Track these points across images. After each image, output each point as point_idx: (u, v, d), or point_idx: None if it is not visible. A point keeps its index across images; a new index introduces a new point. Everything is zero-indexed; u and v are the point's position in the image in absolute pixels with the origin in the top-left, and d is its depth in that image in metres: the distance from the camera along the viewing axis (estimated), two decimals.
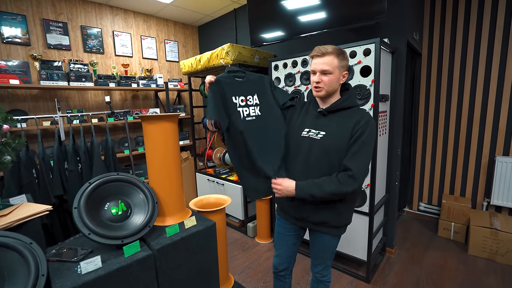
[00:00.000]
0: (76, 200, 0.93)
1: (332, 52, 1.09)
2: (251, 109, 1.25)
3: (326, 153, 1.10)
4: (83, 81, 2.70)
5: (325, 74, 1.10)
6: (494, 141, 2.54)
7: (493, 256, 2.25)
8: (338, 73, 1.11)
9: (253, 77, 1.32)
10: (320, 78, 1.11)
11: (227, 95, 1.19)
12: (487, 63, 2.48)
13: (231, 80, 1.24)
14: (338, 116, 1.14)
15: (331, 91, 1.13)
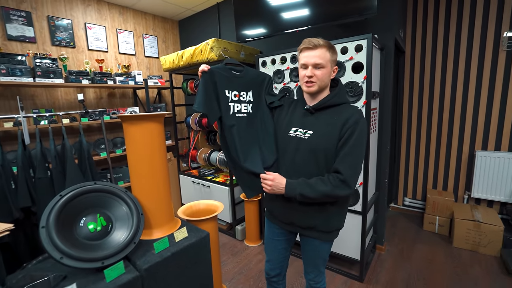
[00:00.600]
0: (44, 217, 0.78)
1: (324, 45, 1.03)
2: (243, 106, 1.18)
3: (314, 153, 1.05)
4: (51, 77, 2.44)
5: (318, 68, 1.04)
6: (473, 136, 2.63)
7: (476, 247, 2.33)
8: (330, 68, 1.06)
9: (252, 73, 1.23)
10: (313, 72, 1.04)
11: (220, 87, 1.11)
12: (467, 61, 2.56)
13: (227, 72, 1.15)
14: (326, 114, 1.08)
15: (323, 86, 1.08)
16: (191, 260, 0.99)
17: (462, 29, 2.53)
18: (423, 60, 2.78)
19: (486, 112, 2.54)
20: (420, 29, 2.74)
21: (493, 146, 2.55)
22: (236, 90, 1.16)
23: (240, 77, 1.18)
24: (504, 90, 2.44)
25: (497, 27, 2.39)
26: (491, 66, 2.46)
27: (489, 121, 2.53)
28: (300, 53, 1.09)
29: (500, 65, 2.43)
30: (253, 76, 1.22)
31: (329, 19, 1.99)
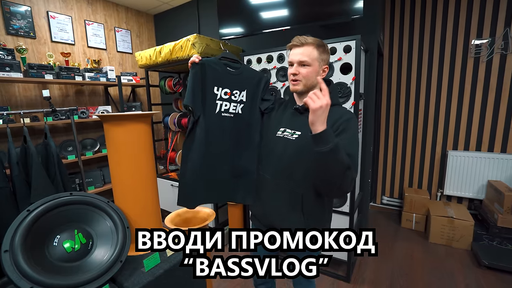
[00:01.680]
0: (8, 239, 0.63)
1: (312, 43, 0.99)
2: (232, 105, 1.10)
3: (301, 155, 0.99)
4: (6, 70, 2.15)
5: (303, 65, 0.99)
6: (446, 136, 2.79)
7: (450, 242, 2.46)
8: (318, 66, 1.01)
9: (249, 71, 1.15)
10: (298, 70, 0.99)
11: (208, 83, 1.03)
12: (439, 67, 2.71)
13: (220, 67, 1.06)
14: None
15: (309, 85, 1.02)
16: (185, 277, 0.89)
17: (435, 35, 2.68)
18: (400, 64, 2.90)
19: (457, 114, 2.71)
20: (397, 34, 2.85)
21: (463, 146, 2.73)
22: (228, 88, 1.09)
23: (234, 74, 1.10)
24: (472, 94, 2.62)
25: (466, 35, 2.56)
26: (461, 72, 2.63)
27: (459, 123, 2.71)
28: (289, 52, 1.05)
29: (468, 71, 2.60)
30: (249, 74, 1.14)
31: (315, 19, 1.98)
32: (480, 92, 2.58)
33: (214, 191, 1.09)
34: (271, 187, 1.07)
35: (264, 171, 1.11)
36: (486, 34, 2.49)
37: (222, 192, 1.12)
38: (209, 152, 1.06)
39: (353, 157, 0.90)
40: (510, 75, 2.44)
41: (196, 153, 1.04)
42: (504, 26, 2.41)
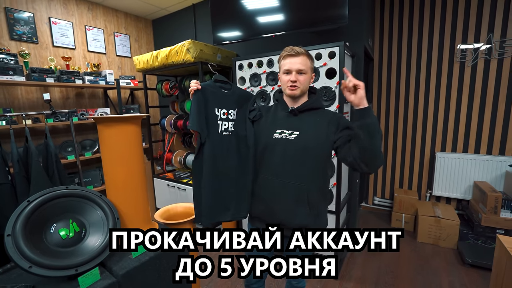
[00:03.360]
0: (10, 224, 0.72)
1: (305, 53, 1.11)
2: (230, 124, 1.19)
3: (302, 153, 1.09)
4: (10, 74, 2.25)
5: (301, 73, 1.11)
6: (434, 139, 2.87)
7: (436, 241, 2.54)
8: (310, 74, 1.14)
9: (239, 91, 1.25)
10: (297, 78, 1.11)
11: (210, 105, 1.12)
12: (427, 71, 2.80)
13: (217, 90, 1.16)
14: (309, 116, 1.15)
15: (305, 90, 1.15)
16: (169, 264, 0.98)
17: (423, 40, 2.77)
18: (390, 68, 2.99)
19: (444, 117, 2.79)
20: (387, 39, 2.95)
21: (451, 147, 2.81)
22: (225, 108, 1.17)
23: (228, 95, 1.19)
24: (458, 98, 2.70)
25: (452, 40, 2.65)
26: (448, 76, 2.72)
27: (447, 125, 2.79)
28: (282, 60, 1.14)
29: (455, 75, 2.69)
30: (241, 93, 1.24)
31: (303, 26, 2.08)
32: (466, 96, 2.67)
33: (226, 210, 1.15)
34: (276, 186, 1.13)
35: (266, 172, 1.16)
36: (471, 40, 2.58)
37: (235, 209, 1.17)
38: (218, 171, 1.12)
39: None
40: (494, 79, 2.53)
41: (207, 174, 1.10)
42: (487, 32, 2.50)
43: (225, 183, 1.14)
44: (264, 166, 1.17)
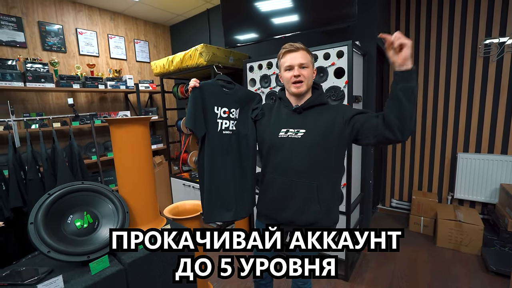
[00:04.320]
0: (33, 214, 0.82)
1: (304, 48, 1.10)
2: (231, 123, 1.19)
3: (311, 151, 1.07)
4: (42, 81, 2.47)
5: (303, 67, 1.09)
6: (455, 139, 2.73)
7: (458, 246, 2.41)
8: (312, 68, 1.12)
9: (242, 91, 1.25)
10: (300, 72, 1.08)
11: (209, 103, 1.13)
12: (447, 68, 2.68)
13: (217, 88, 1.17)
14: (314, 113, 1.12)
15: (310, 85, 1.12)
16: (173, 258, 1.04)
17: (442, 37, 2.65)
18: None
19: (467, 116, 2.65)
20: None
21: (474, 148, 2.66)
22: (226, 107, 1.17)
23: (229, 94, 1.19)
24: (482, 94, 2.55)
25: (474, 34, 2.52)
26: (470, 72, 2.58)
27: (470, 125, 2.64)
28: (282, 58, 1.13)
29: (478, 71, 2.55)
30: (243, 94, 1.24)
31: (313, 26, 2.08)
32: (491, 93, 2.52)
33: (226, 210, 1.16)
34: (284, 186, 1.12)
35: (274, 172, 1.15)
36: (496, 33, 2.44)
37: (236, 210, 1.18)
38: (216, 170, 1.13)
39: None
40: None
41: (207, 172, 1.12)
42: None
43: (223, 182, 1.14)
44: (270, 165, 1.17)
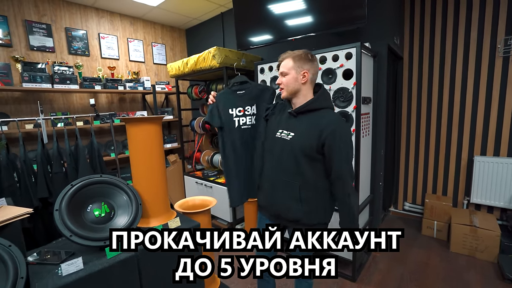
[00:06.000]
0: (58, 202, 0.92)
1: (288, 56, 1.18)
2: (247, 118, 1.40)
3: (294, 153, 1.15)
4: (67, 83, 2.66)
5: (283, 75, 1.18)
6: (472, 141, 2.65)
7: (473, 252, 2.34)
8: (295, 73, 1.16)
9: (257, 88, 1.44)
10: (280, 80, 1.19)
11: (223, 108, 1.37)
12: (464, 67, 2.60)
13: (232, 94, 1.40)
14: (307, 118, 1.17)
15: (291, 91, 1.18)
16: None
17: (459, 35, 2.59)
18: (421, 66, 2.84)
19: (484, 118, 2.56)
20: (418, 35, 2.81)
21: (492, 151, 2.57)
22: (241, 106, 1.39)
23: (244, 95, 1.40)
24: (501, 95, 2.46)
25: (493, 33, 2.43)
26: (488, 72, 2.50)
27: (488, 127, 2.56)
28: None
29: (497, 71, 2.46)
30: (257, 89, 1.44)
31: (323, 28, 2.11)
32: (511, 93, 2.42)
33: (246, 190, 1.42)
34: (273, 182, 1.23)
35: (267, 168, 1.26)
36: None
37: (250, 191, 1.42)
38: (235, 158, 1.38)
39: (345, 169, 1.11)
40: None
41: (232, 161, 1.38)
42: None
43: (245, 168, 1.38)
44: (266, 162, 1.28)
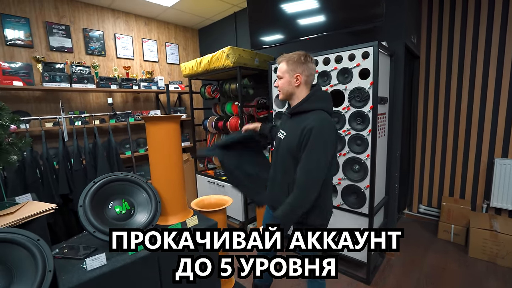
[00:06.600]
0: (82, 198, 0.95)
1: (282, 60, 1.23)
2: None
3: (284, 152, 1.23)
4: (85, 83, 2.73)
5: (279, 79, 1.25)
6: (492, 143, 2.56)
7: (493, 258, 2.26)
8: (288, 77, 1.21)
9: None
10: (277, 83, 1.26)
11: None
12: (485, 66, 2.52)
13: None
14: (296, 120, 1.22)
15: (286, 93, 1.25)
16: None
17: (480, 33, 2.50)
18: (439, 66, 2.76)
19: (506, 119, 2.47)
20: (435, 34, 2.73)
21: None
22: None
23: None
24: None
25: None
26: (511, 72, 2.41)
27: (510, 128, 2.46)
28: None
29: None
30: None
31: (339, 27, 2.07)
32: None
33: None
34: (272, 176, 1.32)
35: (271, 166, 1.37)
36: None
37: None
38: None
39: (308, 171, 1.09)
40: None
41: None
42: None
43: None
44: (272, 158, 1.39)
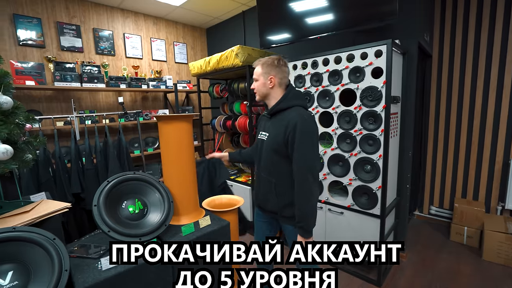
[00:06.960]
0: (96, 198, 0.94)
1: (258, 63, 1.29)
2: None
3: (268, 151, 1.27)
4: (95, 82, 2.75)
5: (256, 81, 1.30)
6: (508, 144, 2.49)
7: (509, 262, 2.20)
8: (263, 79, 1.27)
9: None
10: (254, 85, 1.32)
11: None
12: (500, 66, 2.45)
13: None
14: (276, 118, 1.28)
15: (262, 94, 1.30)
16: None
17: (495, 31, 2.43)
18: (452, 64, 2.70)
19: None
20: (448, 32, 2.67)
21: None
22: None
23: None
24: None
25: None
26: None
27: None
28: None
29: None
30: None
31: (350, 25, 2.04)
32: None
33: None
34: (258, 177, 1.38)
35: (256, 167, 1.41)
36: None
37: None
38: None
39: (305, 157, 1.15)
40: None
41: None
42: None
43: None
44: (255, 161, 1.43)
